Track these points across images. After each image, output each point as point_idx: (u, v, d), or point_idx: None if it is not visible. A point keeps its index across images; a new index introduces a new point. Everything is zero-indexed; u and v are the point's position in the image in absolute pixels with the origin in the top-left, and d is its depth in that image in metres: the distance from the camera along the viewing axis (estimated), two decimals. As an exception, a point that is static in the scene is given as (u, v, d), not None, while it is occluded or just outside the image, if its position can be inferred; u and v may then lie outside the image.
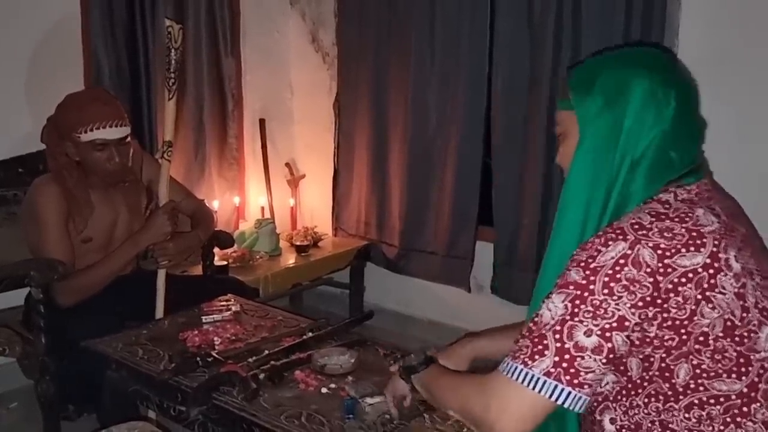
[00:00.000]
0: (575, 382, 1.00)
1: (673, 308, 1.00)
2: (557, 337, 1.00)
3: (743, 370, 1.03)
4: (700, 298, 1.00)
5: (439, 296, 3.15)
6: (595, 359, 1.00)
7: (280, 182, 3.50)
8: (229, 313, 2.00)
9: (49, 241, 2.08)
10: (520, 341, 1.05)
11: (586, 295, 1.01)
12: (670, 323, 1.01)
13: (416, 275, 3.19)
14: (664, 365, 1.03)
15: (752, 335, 1.03)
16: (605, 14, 2.51)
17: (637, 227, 1.03)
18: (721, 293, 1.01)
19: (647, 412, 1.06)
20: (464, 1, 2.86)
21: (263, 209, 3.37)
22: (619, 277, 1.00)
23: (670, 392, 1.04)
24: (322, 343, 1.79)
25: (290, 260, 3.06)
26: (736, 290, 1.02)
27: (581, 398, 1.01)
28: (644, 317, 1.00)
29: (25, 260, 2.13)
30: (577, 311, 1.00)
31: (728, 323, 1.02)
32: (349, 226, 3.38)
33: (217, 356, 1.67)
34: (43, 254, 2.09)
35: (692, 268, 1.00)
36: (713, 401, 1.03)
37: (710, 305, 1.01)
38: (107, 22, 2.74)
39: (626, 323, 1.00)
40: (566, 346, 1.00)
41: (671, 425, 1.05)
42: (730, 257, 1.03)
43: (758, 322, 1.04)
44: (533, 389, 1.00)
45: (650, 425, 1.07)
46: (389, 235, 3.24)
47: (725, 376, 1.02)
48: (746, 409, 1.03)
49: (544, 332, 1.02)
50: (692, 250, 1.01)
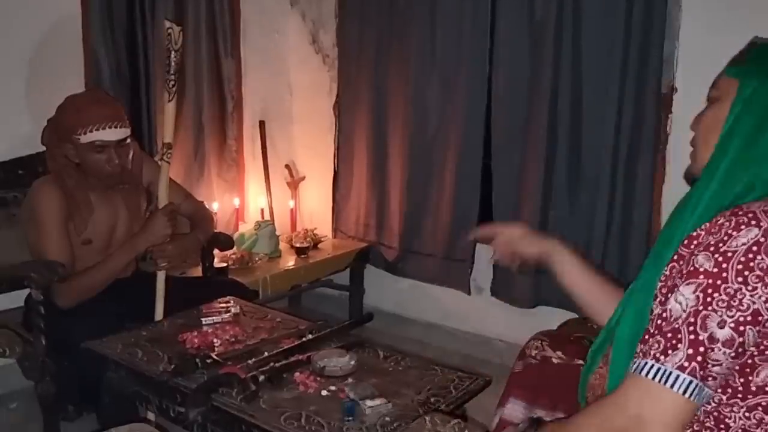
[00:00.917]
0: (705, 375, 0.95)
1: None
2: (691, 329, 0.95)
3: None
4: None
5: (438, 298, 3.14)
6: (724, 352, 0.95)
7: (279, 184, 3.50)
8: (228, 314, 2.00)
9: (49, 242, 2.08)
10: (649, 339, 0.99)
11: (719, 283, 0.95)
12: None
13: (415, 277, 3.19)
14: (750, 362, 0.98)
15: None
16: (606, 15, 2.51)
17: None
18: None
19: (706, 401, 1.00)
20: (465, 1, 2.86)
21: (263, 211, 3.37)
22: (752, 265, 0.94)
23: (740, 388, 1.00)
24: (321, 344, 1.78)
25: (290, 262, 3.06)
26: None
27: (707, 392, 0.96)
28: None
29: (25, 262, 2.13)
30: (710, 300, 0.95)
31: None
32: (348, 228, 3.38)
33: (216, 358, 1.67)
34: (43, 256, 2.08)
35: None
36: None
37: None
38: (107, 22, 2.73)
39: (760, 318, 0.94)
40: (700, 337, 0.95)
41: (727, 420, 1.01)
42: None
43: None
44: (667, 385, 0.95)
45: (704, 416, 1.02)
46: (389, 237, 3.24)
47: None
48: None
49: (677, 326, 0.96)
50: None
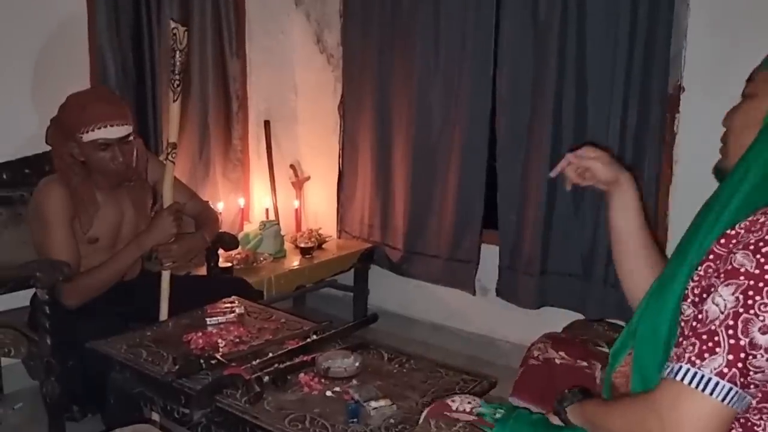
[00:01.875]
0: (745, 382, 0.90)
1: None
2: (731, 332, 0.90)
3: None
4: None
5: (443, 299, 3.14)
6: (766, 359, 0.89)
7: (284, 184, 3.50)
8: (233, 315, 2.00)
9: (54, 241, 2.08)
10: (683, 342, 0.94)
11: (761, 285, 0.89)
12: None
13: (420, 278, 3.17)
14: None
15: None
16: (610, 14, 2.50)
17: None
18: None
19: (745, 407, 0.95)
20: (469, 1, 2.85)
21: (268, 211, 3.37)
22: None
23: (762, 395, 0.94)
24: (325, 346, 1.78)
25: (294, 262, 3.06)
26: None
27: (747, 399, 0.92)
28: None
29: (30, 261, 2.13)
30: (751, 303, 0.89)
31: None
32: (353, 228, 3.37)
33: (220, 359, 1.67)
34: (48, 255, 2.09)
35: None
36: None
37: None
38: (113, 22, 2.73)
39: None
40: (741, 342, 0.89)
41: (756, 428, 0.96)
42: None
43: None
44: (705, 392, 0.90)
45: (734, 423, 0.97)
46: (393, 237, 3.23)
47: None
48: None
49: (713, 328, 0.91)
50: None
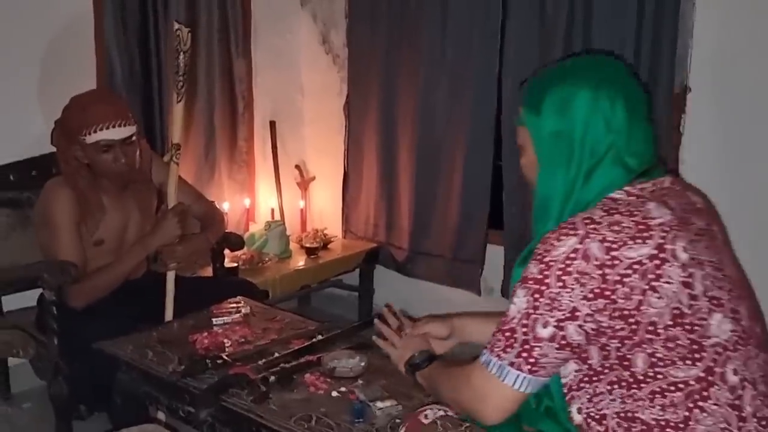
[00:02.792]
0: (534, 369, 1.11)
1: (620, 299, 1.05)
2: (524, 330, 1.10)
3: (697, 356, 1.06)
4: (646, 288, 1.04)
5: (448, 299, 3.13)
6: (549, 346, 1.09)
7: (290, 184, 3.50)
8: (238, 315, 2.00)
9: (61, 243, 2.09)
10: (496, 333, 1.14)
11: (543, 288, 1.08)
12: (618, 314, 1.06)
13: (425, 278, 3.17)
14: (620, 354, 1.08)
15: (702, 322, 1.07)
16: (617, 15, 2.49)
17: (588, 221, 1.09)
18: (667, 283, 1.05)
19: (612, 398, 1.10)
20: (476, 1, 2.84)
21: (273, 211, 3.37)
22: (570, 270, 1.06)
23: (631, 379, 1.08)
24: (330, 346, 1.78)
25: (299, 262, 3.06)
26: (682, 279, 1.06)
27: (538, 381, 1.13)
28: (595, 308, 1.06)
29: (37, 262, 2.15)
30: (537, 305, 1.09)
31: (676, 311, 1.05)
32: (358, 228, 3.37)
33: (226, 358, 1.68)
34: (55, 257, 2.10)
35: (638, 259, 1.05)
36: (673, 388, 1.06)
37: (656, 295, 1.05)
38: (120, 22, 2.74)
39: (577, 313, 1.07)
40: (528, 337, 1.10)
41: (637, 414, 1.08)
42: (677, 248, 1.07)
43: (708, 309, 1.07)
44: (504, 381, 1.12)
45: (615, 415, 1.10)
46: (398, 237, 3.23)
47: (680, 363, 1.06)
48: (706, 393, 1.06)
49: (513, 325, 1.12)
50: (639, 241, 1.06)
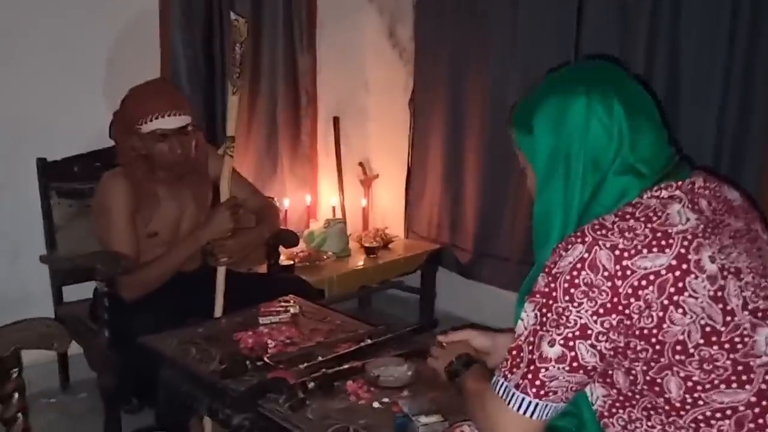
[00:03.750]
0: (541, 393, 0.98)
1: (635, 314, 0.94)
2: (530, 348, 0.99)
3: (744, 378, 0.94)
4: (666, 303, 0.93)
5: (514, 305, 2.96)
6: (558, 368, 0.97)
7: (352, 182, 3.42)
8: (287, 314, 1.93)
9: (115, 234, 2.08)
10: (506, 354, 1.04)
11: (550, 302, 0.98)
12: (637, 332, 0.95)
13: (491, 282, 3.02)
14: (649, 378, 0.97)
15: (746, 340, 0.94)
16: (709, 5, 2.26)
17: (597, 227, 0.98)
18: (692, 297, 0.93)
19: (650, 425, 0.99)
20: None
21: (334, 209, 3.30)
22: (577, 282, 0.95)
23: (667, 406, 0.97)
24: (379, 351, 1.68)
25: (359, 262, 2.98)
26: (711, 293, 0.94)
27: (549, 406, 0.99)
28: (608, 326, 0.95)
29: (92, 252, 2.14)
30: (545, 320, 0.98)
31: (707, 329, 0.93)
32: (420, 228, 3.26)
33: (267, 360, 1.60)
34: (109, 247, 2.09)
35: (654, 270, 0.93)
36: (720, 415, 0.94)
37: (680, 310, 0.93)
38: (185, 17, 2.74)
39: (588, 331, 0.96)
40: (533, 356, 0.98)
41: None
42: (702, 258, 0.95)
43: (751, 324, 0.95)
44: (509, 404, 1.00)
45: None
46: (462, 238, 3.10)
47: (724, 386, 0.94)
48: (762, 420, 0.93)
49: (520, 343, 1.01)
50: (655, 251, 0.94)
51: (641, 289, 0.93)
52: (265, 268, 2.59)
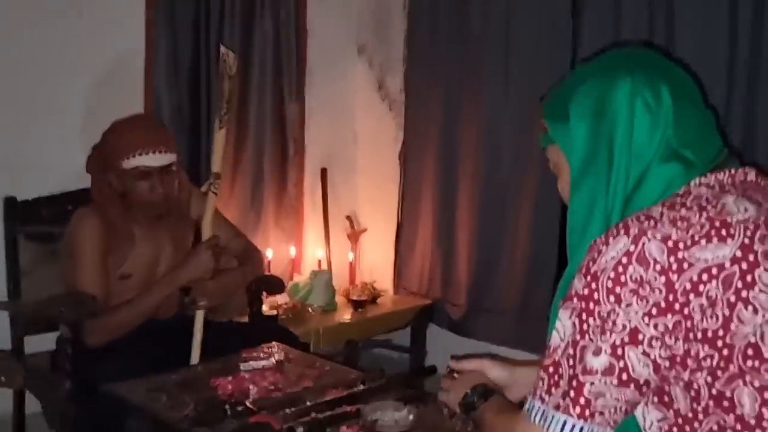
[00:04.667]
0: (587, 413, 0.84)
1: (696, 314, 0.82)
2: (571, 363, 0.86)
3: None
4: (733, 299, 0.81)
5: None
6: (605, 382, 0.84)
7: (339, 235, 3.29)
8: (271, 360, 1.75)
9: (82, 273, 1.93)
10: (540, 373, 0.90)
11: (591, 306, 0.85)
12: (700, 335, 0.82)
13: (484, 338, 2.86)
14: (715, 392, 0.83)
15: None
16: (705, 29, 2.24)
17: (643, 218, 0.86)
18: (763, 292, 0.82)
19: None
20: (543, 35, 2.67)
21: (320, 262, 3.16)
22: (623, 279, 0.83)
23: (739, 426, 0.83)
24: (374, 398, 1.50)
25: (345, 315, 2.82)
26: None
27: (595, 430, 0.85)
28: (663, 329, 0.82)
29: (54, 295, 1.97)
30: (586, 328, 0.85)
31: None
32: (411, 283, 3.12)
33: (249, 406, 1.42)
34: (76, 287, 1.93)
35: (716, 262, 0.82)
36: None
37: (750, 308, 0.82)
38: (171, 60, 2.68)
39: (640, 336, 0.83)
40: (576, 371, 0.85)
41: None
42: None
43: None
44: (548, 430, 0.86)
45: None
46: (455, 293, 2.96)
47: None
48: None
49: (557, 359, 0.88)
50: (715, 241, 0.83)
51: (702, 284, 0.81)
52: (246, 318, 2.41)
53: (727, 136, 2.02)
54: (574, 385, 0.85)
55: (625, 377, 0.83)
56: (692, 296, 0.82)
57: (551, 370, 0.88)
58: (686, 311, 0.82)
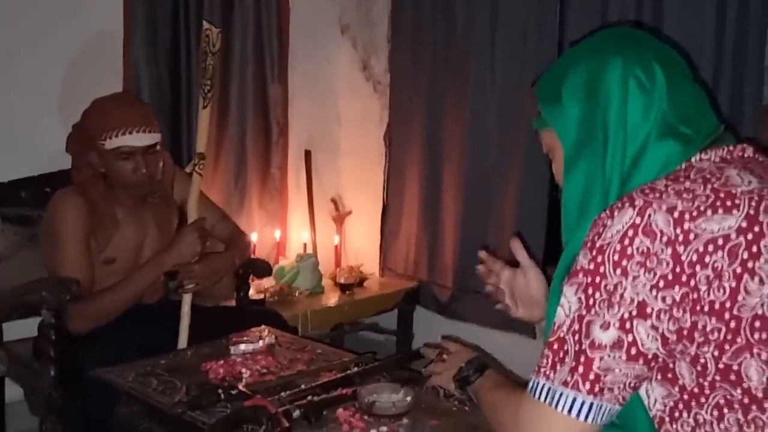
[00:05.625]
0: (596, 389, 0.83)
1: (702, 286, 0.81)
2: (577, 338, 0.85)
3: None
4: (740, 271, 0.81)
5: (498, 344, 2.80)
6: (614, 357, 0.82)
7: (324, 218, 3.26)
8: (261, 344, 1.72)
9: (65, 257, 1.86)
10: (544, 351, 0.89)
11: (597, 280, 0.84)
12: (707, 307, 0.81)
13: (471, 320, 2.86)
14: (722, 366, 0.82)
15: None
16: (693, 23, 2.23)
17: (648, 190, 0.85)
18: None
19: (724, 427, 0.84)
20: (530, 18, 2.64)
21: (305, 246, 3.13)
22: (630, 252, 0.82)
23: (746, 399, 0.82)
24: (368, 380, 1.49)
25: (333, 298, 2.80)
26: None
27: (604, 408, 0.83)
28: (672, 301, 0.81)
29: (35, 280, 1.91)
30: (592, 303, 0.84)
31: None
32: (397, 265, 3.10)
33: (243, 389, 1.39)
34: (58, 272, 1.87)
35: (722, 233, 0.81)
36: None
37: (756, 279, 0.81)
38: (150, 37, 2.61)
39: (648, 309, 0.82)
40: (583, 346, 0.84)
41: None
42: None
43: None
44: (558, 408, 0.84)
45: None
46: (441, 275, 2.95)
47: None
48: None
49: (562, 335, 0.86)
50: (721, 212, 0.82)
51: (708, 255, 0.80)
52: (233, 302, 2.37)
53: (721, 112, 2.02)
54: (581, 360, 0.83)
55: (634, 351, 0.82)
56: (698, 268, 0.81)
57: (556, 346, 0.86)
58: (693, 283, 0.81)
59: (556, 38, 2.62)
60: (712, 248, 0.81)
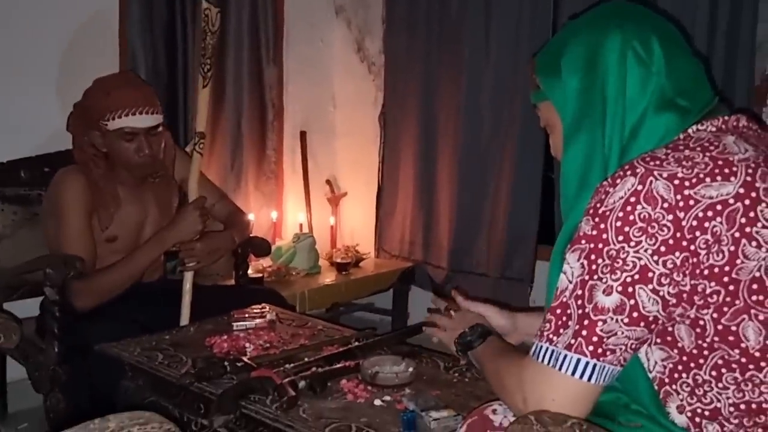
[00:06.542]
0: (599, 351, 0.85)
1: (702, 250, 0.83)
2: (579, 302, 0.87)
3: None
4: (738, 235, 0.83)
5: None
6: (617, 320, 0.85)
7: (320, 199, 3.28)
8: (263, 320, 1.75)
9: (68, 234, 1.88)
10: (546, 315, 0.91)
11: (600, 246, 0.86)
12: (706, 271, 0.84)
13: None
14: (721, 328, 0.85)
15: None
16: (687, 13, 2.26)
17: (649, 159, 0.88)
18: (766, 227, 0.84)
19: (722, 386, 0.86)
20: (524, 1, 2.66)
21: (301, 226, 3.15)
22: (632, 218, 0.84)
23: (744, 359, 0.85)
24: (370, 353, 1.52)
25: (329, 278, 2.82)
26: None
27: (607, 369, 0.86)
28: (672, 266, 0.83)
29: (40, 257, 1.93)
30: (595, 268, 0.86)
31: None
32: (392, 246, 3.14)
33: (248, 361, 1.42)
34: (61, 249, 1.88)
35: (720, 199, 0.84)
36: None
37: (754, 243, 0.83)
38: (146, 17, 2.61)
39: (649, 274, 0.84)
40: (587, 310, 0.86)
41: (765, 405, 0.84)
42: None
43: None
44: (562, 370, 0.86)
45: (733, 408, 0.86)
46: (436, 255, 2.98)
47: None
48: None
49: (565, 300, 0.88)
50: (719, 179, 0.85)
51: (707, 220, 0.83)
52: (232, 280, 2.40)
53: (716, 84, 2.06)
54: (585, 323, 0.85)
55: (635, 315, 0.84)
56: (698, 233, 0.83)
57: (559, 311, 0.88)
58: (692, 248, 0.83)
59: (550, 20, 2.64)
60: (711, 214, 0.83)
